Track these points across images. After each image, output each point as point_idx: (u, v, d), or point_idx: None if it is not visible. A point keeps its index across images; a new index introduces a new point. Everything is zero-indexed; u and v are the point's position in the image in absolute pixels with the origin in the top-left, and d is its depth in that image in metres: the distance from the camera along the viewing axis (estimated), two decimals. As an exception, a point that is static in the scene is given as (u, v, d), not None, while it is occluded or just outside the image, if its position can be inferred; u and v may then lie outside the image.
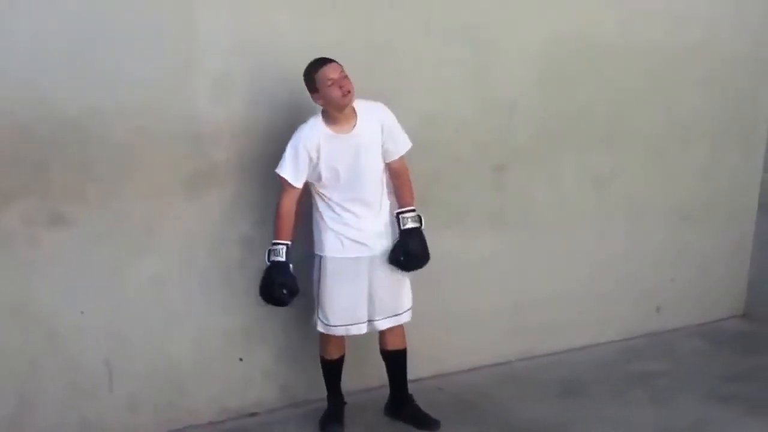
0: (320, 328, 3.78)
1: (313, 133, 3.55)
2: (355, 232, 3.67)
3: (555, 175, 4.83)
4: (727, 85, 5.50)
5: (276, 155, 3.78)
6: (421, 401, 4.12)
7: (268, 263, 3.58)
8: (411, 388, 4.11)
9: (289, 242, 3.59)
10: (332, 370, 3.94)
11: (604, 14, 4.80)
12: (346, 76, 3.48)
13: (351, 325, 3.75)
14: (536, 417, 4.11)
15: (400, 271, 3.76)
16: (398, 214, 3.75)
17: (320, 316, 3.76)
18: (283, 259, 3.56)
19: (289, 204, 3.59)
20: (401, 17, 4.11)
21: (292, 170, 3.55)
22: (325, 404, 4.00)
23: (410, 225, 3.72)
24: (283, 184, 3.59)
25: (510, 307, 4.76)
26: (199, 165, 3.73)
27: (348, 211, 3.65)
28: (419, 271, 3.84)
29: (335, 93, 3.45)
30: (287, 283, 3.57)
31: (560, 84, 4.71)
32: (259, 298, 3.63)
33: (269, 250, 3.60)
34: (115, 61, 3.49)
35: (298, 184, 3.58)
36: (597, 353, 5.04)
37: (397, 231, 3.75)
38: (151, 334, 3.75)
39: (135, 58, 3.52)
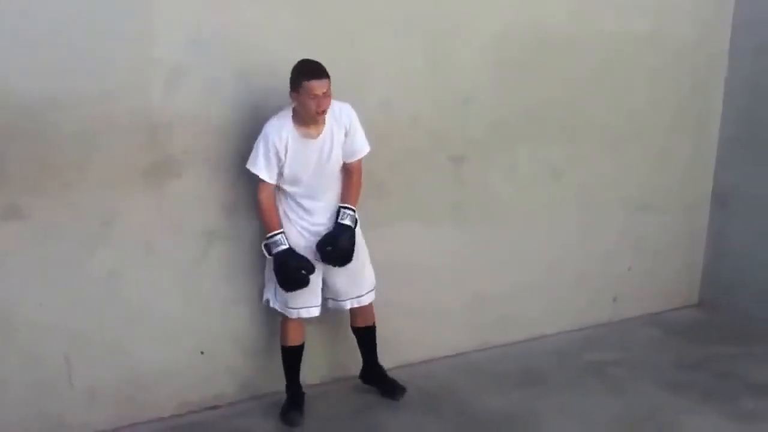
0: (278, 308, 3.84)
1: (283, 132, 3.58)
2: (308, 225, 3.74)
3: (512, 167, 4.83)
4: (679, 76, 5.55)
5: (234, 147, 3.77)
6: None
7: (273, 254, 3.62)
8: None
9: (283, 230, 3.65)
10: (292, 357, 3.95)
11: (556, 5, 4.80)
12: (328, 95, 3.52)
13: (303, 308, 3.81)
14: (496, 407, 4.12)
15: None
16: (340, 207, 3.78)
17: (278, 298, 3.81)
18: (286, 245, 3.62)
19: (268, 197, 3.65)
20: (359, 8, 4.07)
21: (266, 168, 3.58)
22: (284, 397, 4.00)
23: (347, 221, 3.75)
24: (258, 180, 3.62)
25: (469, 298, 4.76)
26: (157, 156, 3.66)
27: (302, 206, 3.73)
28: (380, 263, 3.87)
29: (311, 107, 3.51)
30: (303, 265, 3.64)
31: (516, 75, 4.71)
32: (276, 287, 3.75)
33: (267, 244, 3.64)
34: (70, 51, 3.40)
35: (273, 180, 3.63)
36: (554, 343, 5.07)
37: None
38: (111, 327, 3.69)
39: (91, 47, 3.43)
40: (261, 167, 3.58)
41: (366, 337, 4.15)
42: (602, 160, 5.26)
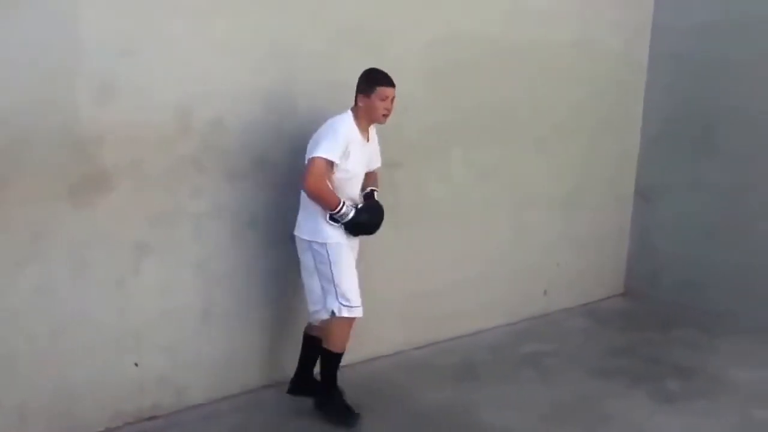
0: (345, 313, 3.76)
1: (353, 132, 3.76)
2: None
3: (446, 170, 4.86)
4: (604, 81, 5.70)
5: (166, 158, 3.69)
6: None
7: (348, 220, 3.71)
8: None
9: (343, 200, 3.70)
10: (339, 361, 3.90)
11: (488, 15, 4.87)
12: (393, 101, 3.79)
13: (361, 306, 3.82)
14: (436, 401, 4.12)
15: None
16: (372, 190, 3.97)
17: (342, 301, 3.75)
18: (353, 210, 3.73)
19: (325, 181, 3.66)
20: (292, 19, 4.03)
21: (339, 154, 3.65)
22: (220, 406, 3.95)
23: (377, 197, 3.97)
24: (318, 167, 3.62)
25: (406, 298, 4.76)
26: (88, 169, 3.52)
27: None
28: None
29: (380, 110, 3.75)
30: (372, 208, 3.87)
31: (450, 82, 4.75)
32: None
33: (336, 218, 3.69)
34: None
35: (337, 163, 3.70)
36: (490, 337, 5.12)
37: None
38: (40, 342, 3.52)
39: (15, 59, 3.30)
40: (335, 152, 3.64)
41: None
42: (532, 161, 5.36)
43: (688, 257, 5.77)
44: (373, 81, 3.76)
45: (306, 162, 3.69)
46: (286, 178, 4.10)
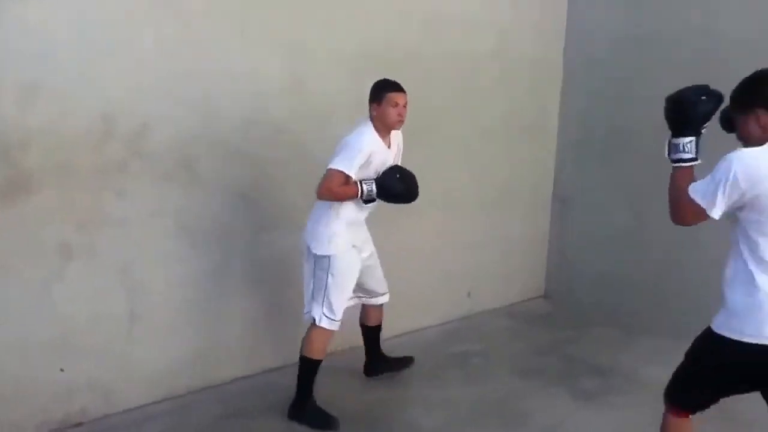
0: (325, 324, 3.85)
1: (374, 142, 3.86)
2: (354, 235, 3.95)
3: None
4: (522, 87, 5.85)
5: (92, 161, 3.62)
6: (250, 397, 4.13)
7: (373, 192, 3.81)
8: (242, 385, 4.23)
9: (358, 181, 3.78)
10: (316, 369, 3.95)
11: (408, 22, 4.93)
12: (405, 107, 3.89)
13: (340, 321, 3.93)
14: (362, 404, 4.16)
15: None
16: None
17: (326, 312, 3.85)
18: (373, 183, 3.82)
19: (337, 187, 3.76)
20: (215, 25, 4.01)
21: (354, 167, 3.74)
22: (150, 409, 3.91)
23: None
24: (332, 179, 3.73)
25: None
26: (12, 173, 3.46)
27: (361, 213, 3.98)
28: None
29: (393, 115, 3.86)
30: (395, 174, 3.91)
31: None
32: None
33: (365, 193, 3.78)
34: None
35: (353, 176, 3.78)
36: (417, 339, 5.18)
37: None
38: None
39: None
40: (352, 169, 3.73)
41: (376, 334, 4.44)
42: (459, 167, 5.46)
43: (605, 259, 5.96)
44: (381, 89, 3.89)
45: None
46: (212, 181, 4.09)
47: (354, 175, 3.74)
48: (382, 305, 4.33)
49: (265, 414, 3.98)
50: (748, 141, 2.59)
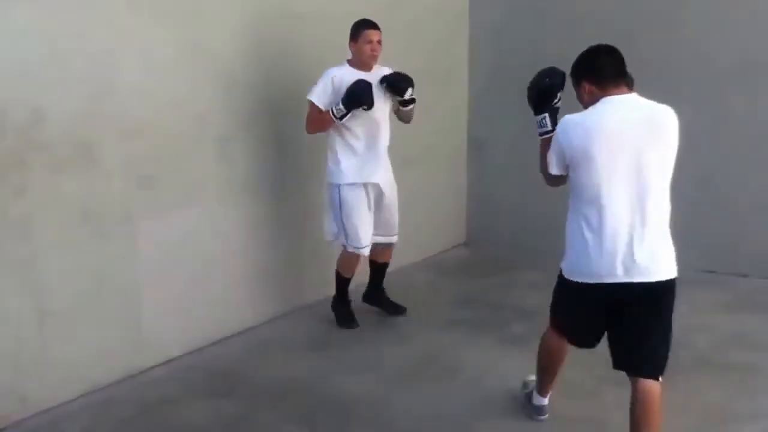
0: (351, 249, 4.47)
1: (342, 71, 4.33)
2: (361, 170, 4.42)
3: (281, 142, 4.74)
4: (428, 36, 5.73)
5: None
6: (172, 383, 3.97)
7: (340, 106, 4.20)
8: (162, 371, 4.06)
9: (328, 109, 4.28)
10: (348, 282, 4.70)
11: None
12: (380, 43, 4.32)
13: (365, 247, 4.51)
14: (291, 375, 4.05)
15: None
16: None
17: (349, 241, 4.45)
18: (340, 103, 4.22)
19: (315, 118, 4.34)
20: (105, 2, 3.76)
21: (321, 96, 4.29)
22: (69, 407, 3.72)
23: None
24: (309, 110, 4.34)
25: (250, 272, 4.64)
26: None
27: (358, 142, 4.43)
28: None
29: (367, 51, 4.30)
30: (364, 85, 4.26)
31: (280, 55, 4.64)
32: None
33: (334, 111, 4.22)
34: None
35: (322, 106, 4.31)
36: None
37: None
38: None
39: None
40: (315, 96, 4.26)
41: (383, 269, 4.82)
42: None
43: (523, 203, 5.99)
44: (357, 27, 4.31)
45: None
46: (116, 166, 3.86)
47: (318, 101, 4.23)
48: (392, 244, 4.71)
49: (189, 398, 3.84)
50: (584, 107, 3.02)
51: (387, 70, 4.45)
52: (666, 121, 2.88)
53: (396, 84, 4.34)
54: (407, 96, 4.35)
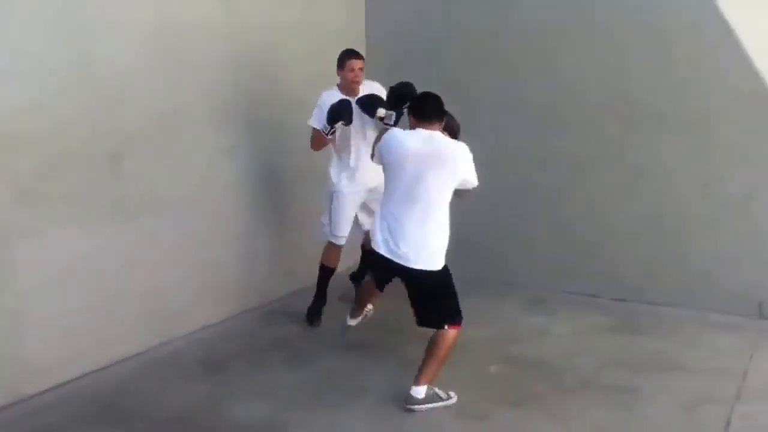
0: (331, 239, 5.06)
1: (332, 95, 4.79)
2: (352, 181, 4.96)
3: (177, 158, 4.64)
4: (330, 60, 5.76)
5: None
6: (59, 410, 3.79)
7: (325, 124, 4.69)
8: (49, 397, 3.90)
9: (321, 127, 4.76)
10: (328, 275, 5.18)
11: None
12: (361, 70, 4.86)
13: (343, 237, 5.08)
14: (183, 401, 3.94)
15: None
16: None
17: (332, 230, 5.04)
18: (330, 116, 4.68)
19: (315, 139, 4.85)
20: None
21: (314, 119, 4.79)
22: None
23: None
24: (311, 133, 4.83)
25: (142, 294, 4.48)
26: None
27: (349, 159, 4.96)
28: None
29: (349, 77, 4.82)
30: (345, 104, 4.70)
31: (178, 69, 4.55)
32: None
33: (323, 127, 4.73)
34: None
35: (320, 127, 4.76)
36: (237, 324, 5.02)
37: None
38: None
39: None
40: (313, 120, 4.79)
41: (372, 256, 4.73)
42: (267, 143, 5.30)
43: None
44: (342, 58, 4.84)
45: None
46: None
47: (315, 124, 4.77)
48: None
49: (76, 426, 3.68)
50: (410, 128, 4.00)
51: (376, 88, 4.91)
52: (449, 153, 3.84)
53: (364, 106, 4.74)
54: (379, 115, 4.66)
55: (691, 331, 4.91)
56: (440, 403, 3.91)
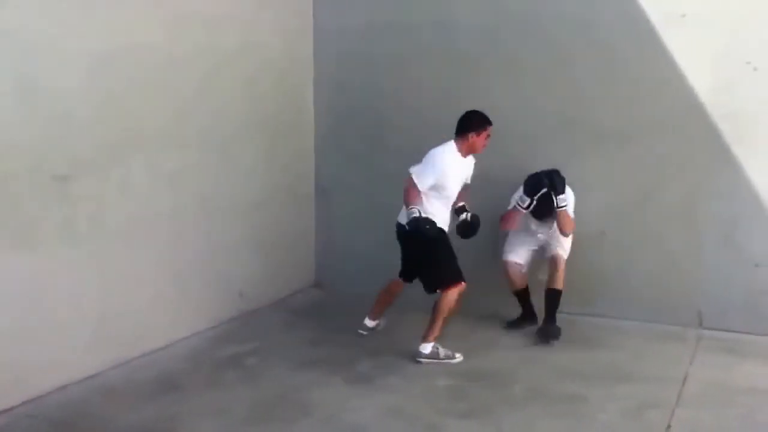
0: None
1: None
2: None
3: (126, 181, 4.61)
4: (273, 83, 5.81)
5: None
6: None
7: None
8: (1, 421, 3.80)
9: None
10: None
11: (150, 21, 4.69)
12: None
13: None
14: (136, 422, 3.89)
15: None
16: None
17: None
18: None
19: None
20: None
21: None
22: None
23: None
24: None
25: (94, 317, 4.43)
26: None
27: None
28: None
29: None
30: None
31: (124, 92, 4.53)
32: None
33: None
34: None
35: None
36: (188, 346, 4.98)
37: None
38: None
39: None
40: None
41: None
42: (214, 167, 5.29)
43: (370, 245, 6.11)
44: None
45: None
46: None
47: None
48: None
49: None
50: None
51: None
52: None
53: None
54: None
55: (635, 342, 5.03)
56: (444, 360, 4.61)
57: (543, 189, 4.97)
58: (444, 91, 5.80)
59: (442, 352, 4.71)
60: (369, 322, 5.18)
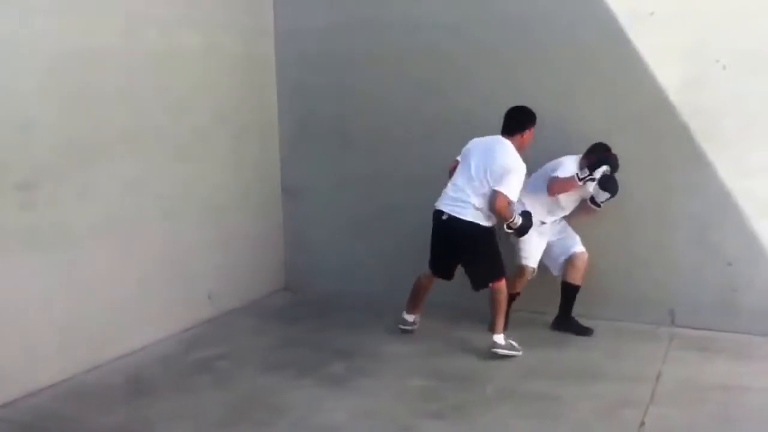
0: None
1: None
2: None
3: (88, 187, 4.53)
4: (235, 85, 5.76)
5: None
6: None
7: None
8: None
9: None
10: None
11: (106, 23, 4.62)
12: None
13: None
14: (108, 425, 3.83)
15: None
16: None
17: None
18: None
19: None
20: None
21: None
22: None
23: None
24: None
25: (64, 323, 4.37)
26: None
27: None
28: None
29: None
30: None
31: (81, 97, 4.45)
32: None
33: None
34: None
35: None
36: (158, 350, 4.91)
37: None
38: None
39: None
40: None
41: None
42: (176, 170, 5.21)
43: (339, 247, 6.07)
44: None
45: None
46: None
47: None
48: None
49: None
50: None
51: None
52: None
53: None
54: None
55: (608, 341, 5.05)
56: (514, 352, 4.74)
57: (604, 168, 4.90)
58: (409, 90, 5.78)
59: (514, 343, 4.80)
60: (408, 317, 5.16)
